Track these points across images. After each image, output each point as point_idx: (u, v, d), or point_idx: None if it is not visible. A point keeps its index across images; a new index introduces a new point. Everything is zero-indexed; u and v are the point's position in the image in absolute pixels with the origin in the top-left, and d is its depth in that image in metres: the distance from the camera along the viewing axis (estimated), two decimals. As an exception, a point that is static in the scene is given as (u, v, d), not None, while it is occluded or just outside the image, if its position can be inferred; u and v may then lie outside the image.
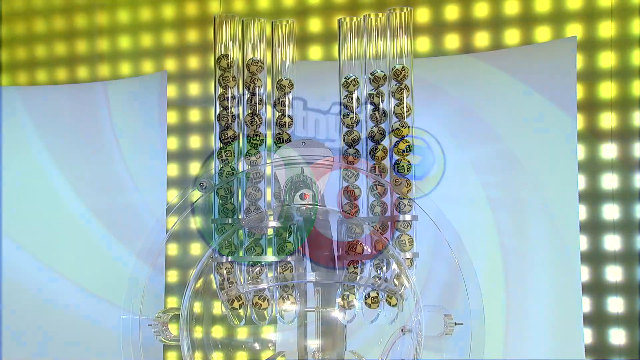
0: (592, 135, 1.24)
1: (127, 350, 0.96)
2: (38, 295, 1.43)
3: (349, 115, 0.95)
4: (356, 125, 0.95)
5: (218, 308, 0.97)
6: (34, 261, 1.43)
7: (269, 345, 0.99)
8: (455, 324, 0.91)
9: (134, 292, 0.97)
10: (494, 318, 0.96)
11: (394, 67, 0.94)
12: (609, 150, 1.24)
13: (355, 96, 0.95)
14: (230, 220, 0.95)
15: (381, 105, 0.95)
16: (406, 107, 0.93)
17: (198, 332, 0.94)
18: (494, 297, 1.17)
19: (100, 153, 1.45)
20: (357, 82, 0.95)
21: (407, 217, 0.93)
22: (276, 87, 0.97)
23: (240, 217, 0.95)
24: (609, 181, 1.23)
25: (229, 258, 0.93)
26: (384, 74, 0.94)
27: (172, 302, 1.31)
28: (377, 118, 0.95)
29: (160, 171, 1.35)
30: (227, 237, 0.93)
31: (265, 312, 0.94)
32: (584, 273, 1.23)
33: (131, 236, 1.26)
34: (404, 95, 0.93)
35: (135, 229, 1.26)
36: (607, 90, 1.24)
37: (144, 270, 0.98)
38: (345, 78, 0.95)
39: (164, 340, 0.93)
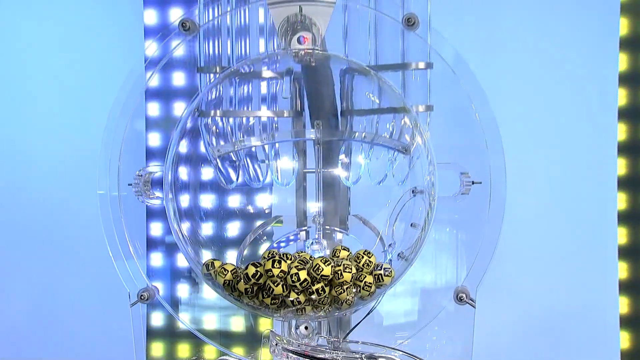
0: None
1: (107, 223, 0.99)
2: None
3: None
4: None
5: (206, 174, 0.99)
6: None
7: (264, 209, 1.02)
8: (473, 182, 0.93)
9: (110, 155, 0.99)
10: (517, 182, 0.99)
11: None
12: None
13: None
14: (218, 69, 0.95)
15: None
16: None
17: (184, 201, 0.97)
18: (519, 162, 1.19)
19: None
20: None
21: (421, 65, 0.94)
22: None
23: (230, 65, 0.95)
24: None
25: (217, 112, 0.94)
26: None
27: (156, 169, 1.33)
28: None
29: (136, 19, 1.34)
30: (216, 84, 0.93)
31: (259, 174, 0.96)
32: (622, 270, 1.26)
33: (105, 92, 1.26)
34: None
35: (110, 84, 1.26)
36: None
37: (120, 130, 1.00)
38: None
39: (146, 201, 0.96)
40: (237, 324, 1.15)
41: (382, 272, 0.88)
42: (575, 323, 1.35)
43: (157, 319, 1.36)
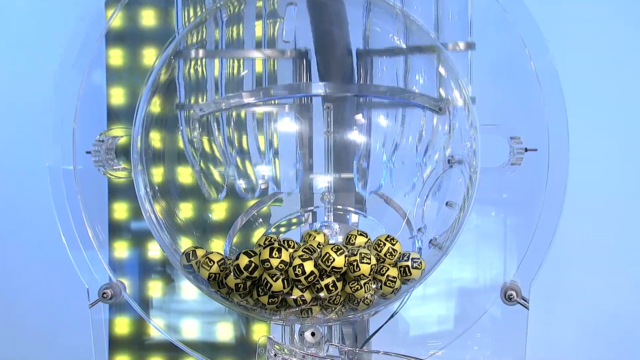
0: None
1: (59, 203, 0.99)
2: None
3: None
4: None
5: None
6: None
7: (260, 182, 1.02)
8: (526, 150, 0.93)
9: (62, 116, 0.99)
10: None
11: None
12: None
13: None
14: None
15: None
16: None
17: (158, 175, 0.97)
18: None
19: None
20: None
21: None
22: None
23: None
24: None
25: (200, 53, 0.93)
26: None
27: (121, 133, 1.34)
28: None
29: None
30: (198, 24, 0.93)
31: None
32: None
33: (54, 36, 1.26)
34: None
35: (60, 26, 1.27)
36: None
37: (75, 84, 1.00)
38: None
39: (109, 172, 0.97)
40: (225, 331, 1.15)
41: (409, 263, 0.88)
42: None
43: (122, 325, 1.36)
